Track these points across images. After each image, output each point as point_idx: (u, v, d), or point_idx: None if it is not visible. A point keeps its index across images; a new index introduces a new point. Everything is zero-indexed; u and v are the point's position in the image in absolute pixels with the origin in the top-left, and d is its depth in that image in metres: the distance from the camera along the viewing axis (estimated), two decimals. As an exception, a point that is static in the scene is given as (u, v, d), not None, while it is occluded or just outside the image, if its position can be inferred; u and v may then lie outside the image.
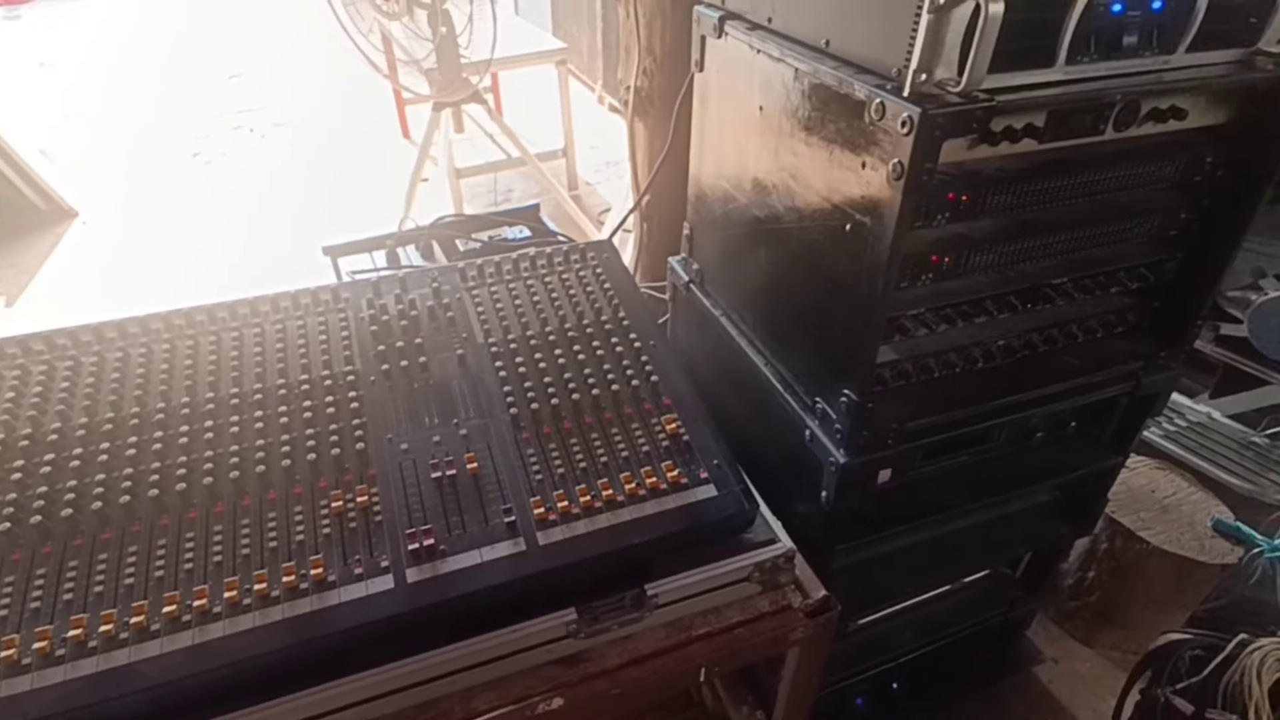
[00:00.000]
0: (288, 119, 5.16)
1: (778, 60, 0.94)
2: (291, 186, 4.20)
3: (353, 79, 5.70)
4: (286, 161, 4.53)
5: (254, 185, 4.23)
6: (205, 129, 4.99)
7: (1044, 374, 1.05)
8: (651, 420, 1.01)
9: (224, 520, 0.86)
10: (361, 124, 5.00)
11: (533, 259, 1.24)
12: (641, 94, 2.04)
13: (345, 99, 5.43)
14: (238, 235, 3.68)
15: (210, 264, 3.42)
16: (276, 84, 5.87)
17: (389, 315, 1.12)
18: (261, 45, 6.92)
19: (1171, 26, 0.82)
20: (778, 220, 1.02)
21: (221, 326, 1.07)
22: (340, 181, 4.25)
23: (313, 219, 3.80)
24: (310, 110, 5.30)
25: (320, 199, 4.05)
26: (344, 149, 4.68)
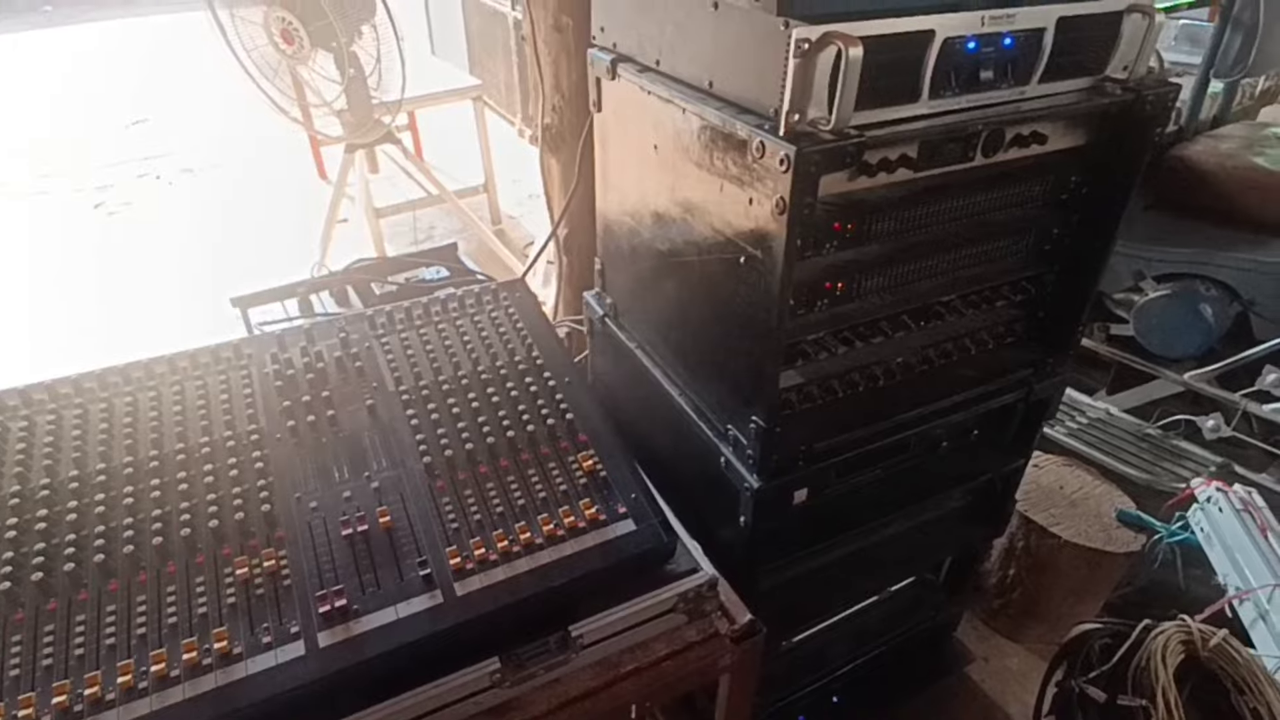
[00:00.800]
0: (197, 164, 5.00)
1: (667, 101, 0.97)
2: (202, 234, 4.06)
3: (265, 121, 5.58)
4: (196, 208, 4.38)
5: (161, 235, 4.07)
6: (107, 178, 4.79)
7: (943, 386, 1.10)
8: (568, 459, 1.01)
9: (118, 599, 0.81)
10: (275, 167, 4.89)
11: (444, 302, 1.24)
12: (552, 130, 2.06)
13: (258, 141, 5.29)
14: (144, 288, 3.53)
15: (111, 320, 3.27)
16: (183, 129, 5.68)
17: (294, 369, 1.09)
18: (165, 90, 6.71)
19: (1023, 60, 0.88)
20: (680, 254, 1.05)
21: (114, 392, 1.03)
22: (255, 226, 4.14)
23: (226, 267, 3.68)
24: (221, 154, 5.15)
25: (234, 246, 3.93)
26: (258, 193, 4.56)
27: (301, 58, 2.32)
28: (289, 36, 2.28)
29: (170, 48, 8.27)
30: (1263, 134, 1.93)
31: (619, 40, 1.11)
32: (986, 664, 1.76)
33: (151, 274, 3.67)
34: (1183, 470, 1.74)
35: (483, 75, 5.33)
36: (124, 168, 4.94)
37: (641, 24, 1.03)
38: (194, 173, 4.85)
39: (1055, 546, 1.62)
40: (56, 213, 4.34)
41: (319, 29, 2.24)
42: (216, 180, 4.77)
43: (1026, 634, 1.80)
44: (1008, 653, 1.79)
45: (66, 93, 6.64)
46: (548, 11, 1.90)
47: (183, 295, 3.46)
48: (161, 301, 3.42)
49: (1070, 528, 1.63)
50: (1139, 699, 1.13)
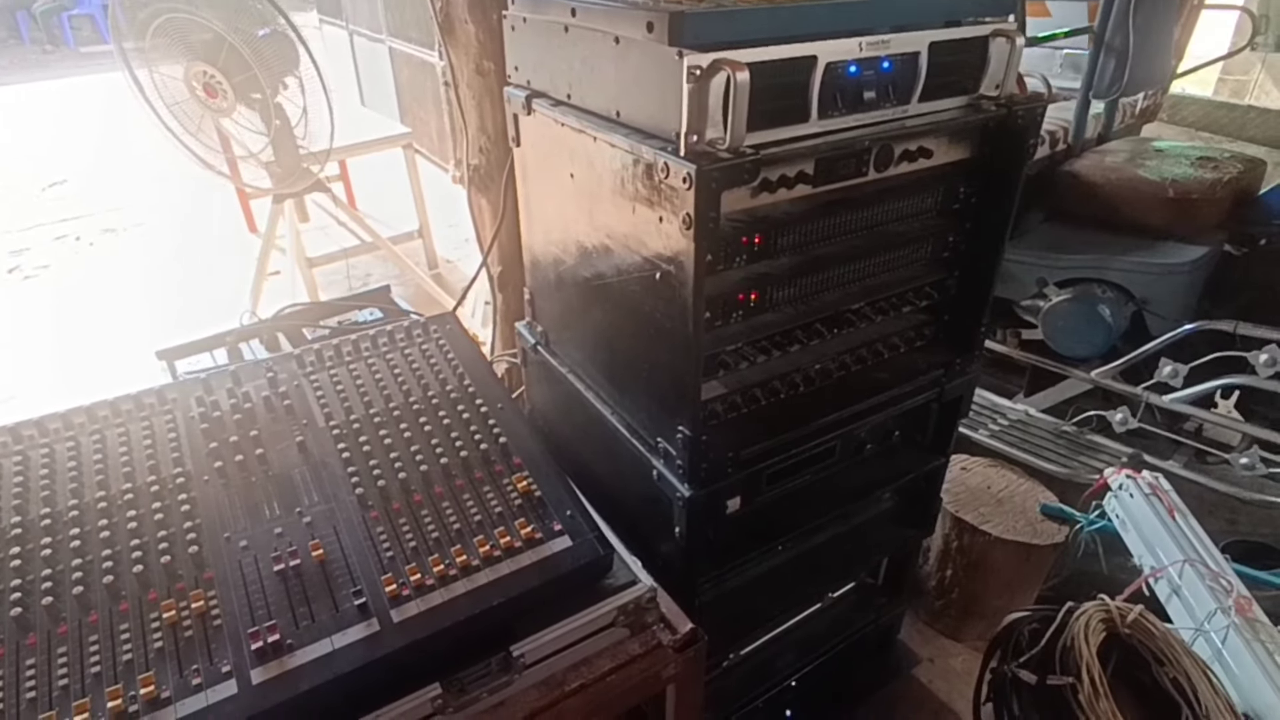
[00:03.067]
0: (119, 224, 4.88)
1: (579, 131, 1.02)
2: (126, 293, 3.95)
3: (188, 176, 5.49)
4: (119, 268, 4.26)
5: (82, 296, 3.94)
6: (23, 242, 4.62)
7: (861, 390, 1.16)
8: (503, 481, 1.02)
9: (37, 653, 0.79)
10: (202, 222, 4.81)
11: (373, 338, 1.25)
12: (480, 170, 2.09)
13: (182, 198, 5.20)
14: (65, 350, 3.41)
15: (30, 382, 3.14)
16: (104, 189, 5.55)
17: (221, 411, 1.08)
18: (83, 151, 6.55)
19: (902, 82, 0.96)
20: (601, 276, 1.09)
21: (29, 444, 1.01)
22: (182, 283, 4.04)
23: (152, 325, 3.58)
24: (144, 213, 5.04)
25: (160, 304, 3.82)
26: (184, 249, 4.47)
27: (225, 110, 2.32)
28: (212, 90, 2.27)
29: (85, 109, 8.10)
30: (1144, 148, 2.10)
31: (532, 78, 1.16)
32: (933, 664, 1.80)
33: (72, 335, 3.54)
34: (1098, 463, 1.84)
35: (414, 124, 5.38)
36: (41, 230, 4.78)
37: (552, 62, 1.08)
38: (116, 232, 4.73)
39: (987, 543, 1.69)
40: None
41: (243, 81, 2.25)
42: (140, 239, 4.66)
43: (968, 632, 1.85)
44: (952, 652, 1.84)
45: (-22, 157, 6.42)
46: (470, 57, 1.95)
47: (106, 355, 3.35)
48: (84, 362, 3.30)
49: (999, 524, 1.70)
50: (1066, 677, 1.18)
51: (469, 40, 1.92)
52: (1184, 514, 1.49)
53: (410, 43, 5.50)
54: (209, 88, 2.27)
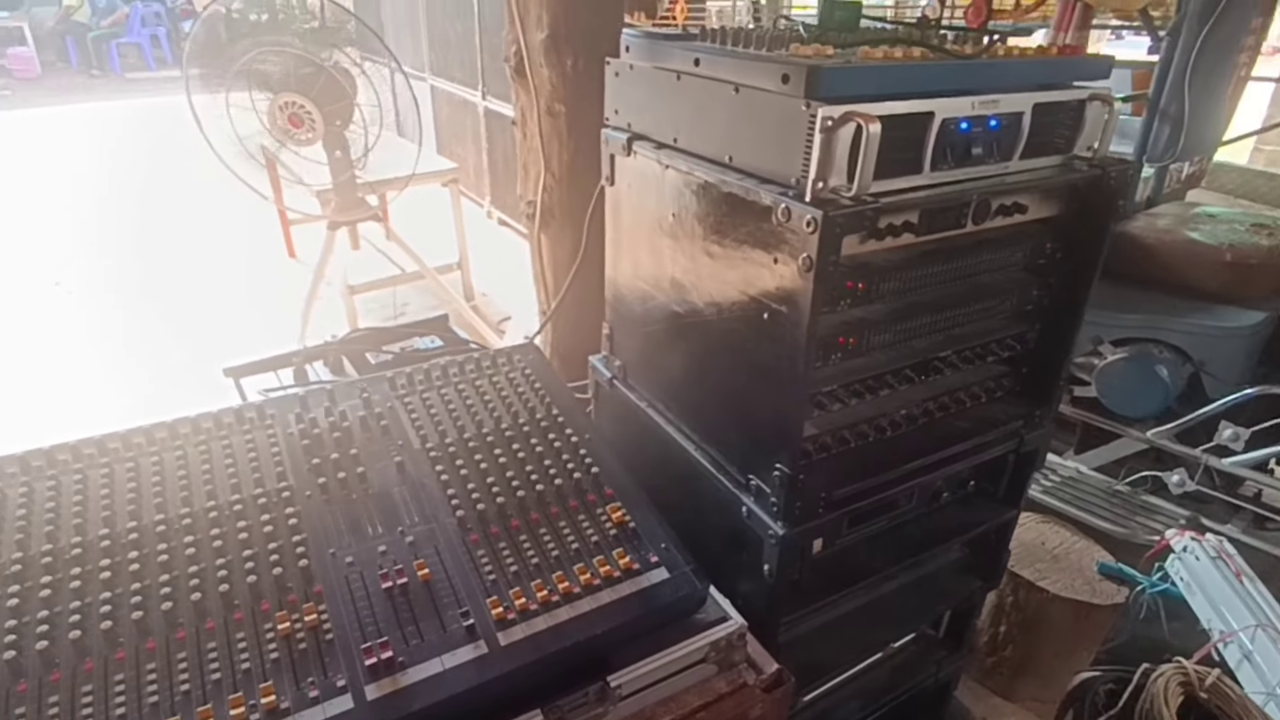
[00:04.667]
0: (160, 243, 4.98)
1: (687, 174, 1.06)
2: (169, 312, 4.01)
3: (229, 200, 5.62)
4: (160, 287, 4.34)
5: (124, 313, 4.01)
6: (66, 258, 4.72)
7: (942, 438, 1.17)
8: (597, 510, 1.03)
9: (158, 657, 0.80)
10: (241, 245, 4.90)
11: (460, 364, 1.27)
12: (544, 208, 2.15)
13: (224, 220, 5.32)
14: (121, 363, 3.46)
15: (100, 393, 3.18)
16: (144, 208, 5.68)
17: (320, 429, 1.10)
18: (124, 170, 6.72)
19: (1007, 140, 0.99)
20: (698, 314, 1.12)
21: (139, 453, 1.03)
22: (223, 304, 4.11)
23: (201, 343, 3.64)
24: (185, 233, 5.14)
25: (205, 323, 3.89)
26: (224, 271, 4.55)
27: (308, 140, 2.40)
28: (297, 120, 2.36)
29: (128, 132, 8.33)
30: (1193, 212, 2.13)
31: (633, 121, 1.20)
32: (984, 723, 1.77)
33: (115, 351, 3.60)
34: (1154, 524, 1.83)
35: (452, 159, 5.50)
36: (84, 247, 4.89)
37: (658, 107, 1.13)
38: (157, 251, 4.82)
39: (1044, 601, 1.67)
40: (14, 290, 4.25)
41: (332, 111, 2.33)
42: (181, 259, 4.75)
43: (1020, 692, 1.82)
44: (1004, 712, 1.81)
45: (25, 172, 6.59)
46: (541, 99, 2.02)
47: (151, 369, 3.39)
48: (128, 376, 3.34)
49: (1057, 582, 1.69)
50: (1146, 739, 1.16)
51: (542, 84, 1.99)
52: (1252, 578, 1.48)
53: (453, 81, 5.67)
54: (294, 118, 2.35)
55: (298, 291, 4.18)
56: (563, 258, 2.19)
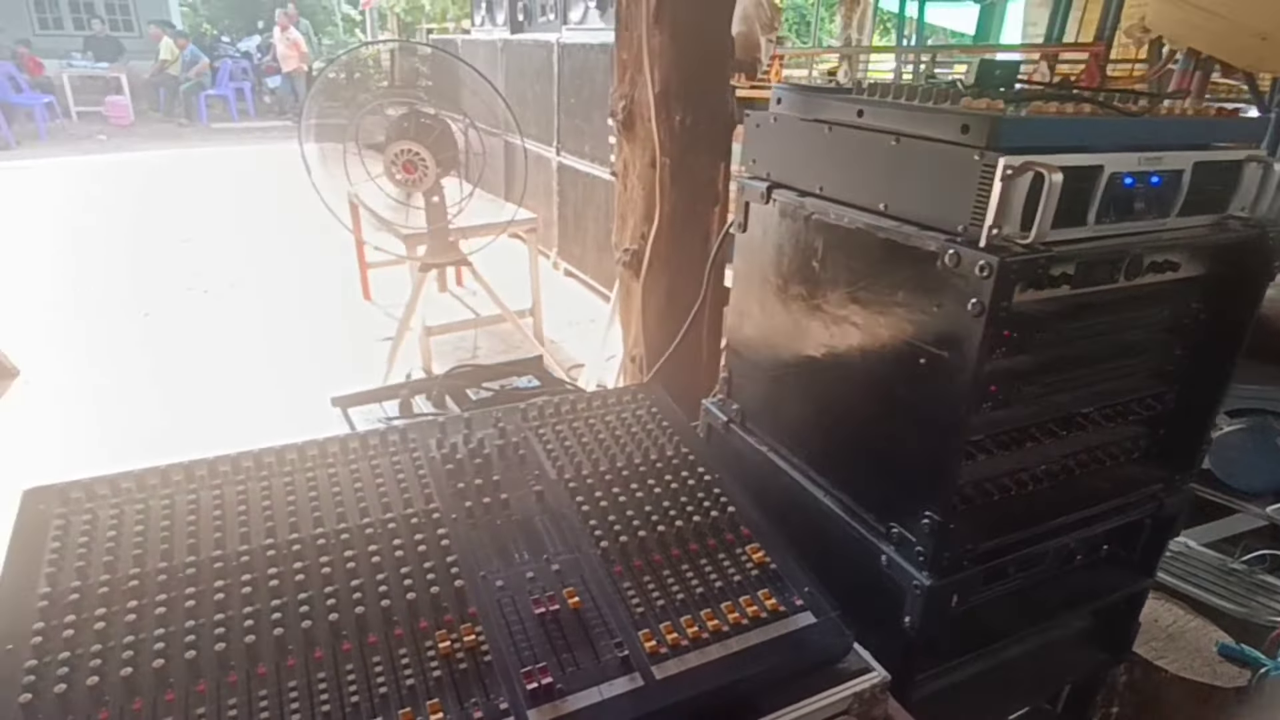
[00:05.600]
0: (241, 280, 5.19)
1: (836, 222, 1.08)
2: (251, 346, 4.16)
3: (303, 244, 5.86)
4: (241, 322, 4.51)
5: (208, 345, 4.17)
6: (155, 290, 4.95)
7: (1081, 497, 1.14)
8: (736, 550, 1.03)
9: (325, 667, 0.81)
10: (318, 286, 5.08)
11: (589, 400, 1.29)
12: (639, 256, 2.20)
13: (300, 262, 5.53)
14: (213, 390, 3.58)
15: (171, 424, 3.29)
16: (226, 248, 5.95)
17: (460, 455, 1.13)
18: (207, 212, 7.07)
19: (1166, 196, 1.00)
20: (837, 359, 1.12)
21: (294, 468, 1.06)
22: (301, 340, 4.25)
23: (284, 375, 3.75)
24: (263, 273, 5.36)
25: (282, 356, 4.01)
26: (302, 309, 4.71)
27: (420, 185, 2.51)
28: (411, 166, 2.47)
29: (212, 176, 8.79)
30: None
31: (773, 170, 1.23)
32: (1093, 811, 1.66)
33: (210, 377, 3.72)
34: (1275, 604, 1.73)
35: (524, 212, 5.65)
36: (171, 281, 5.12)
37: (803, 157, 1.16)
38: (238, 288, 5.03)
39: (1162, 681, 1.59)
40: (106, 320, 4.45)
41: (446, 159, 2.44)
42: (261, 296, 4.94)
43: (1131, 779, 1.71)
44: (1114, 800, 1.70)
45: (116, 210, 6.98)
46: (645, 151, 2.08)
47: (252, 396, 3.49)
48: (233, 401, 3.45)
49: (1174, 661, 1.60)
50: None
51: (648, 137, 2.05)
52: (1399, 669, 1.39)
53: (528, 138, 5.88)
54: (409, 164, 2.47)
55: (371, 330, 4.31)
56: (657, 304, 2.23)
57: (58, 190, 7.83)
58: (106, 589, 0.84)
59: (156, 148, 10.73)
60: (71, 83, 12.10)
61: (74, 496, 0.97)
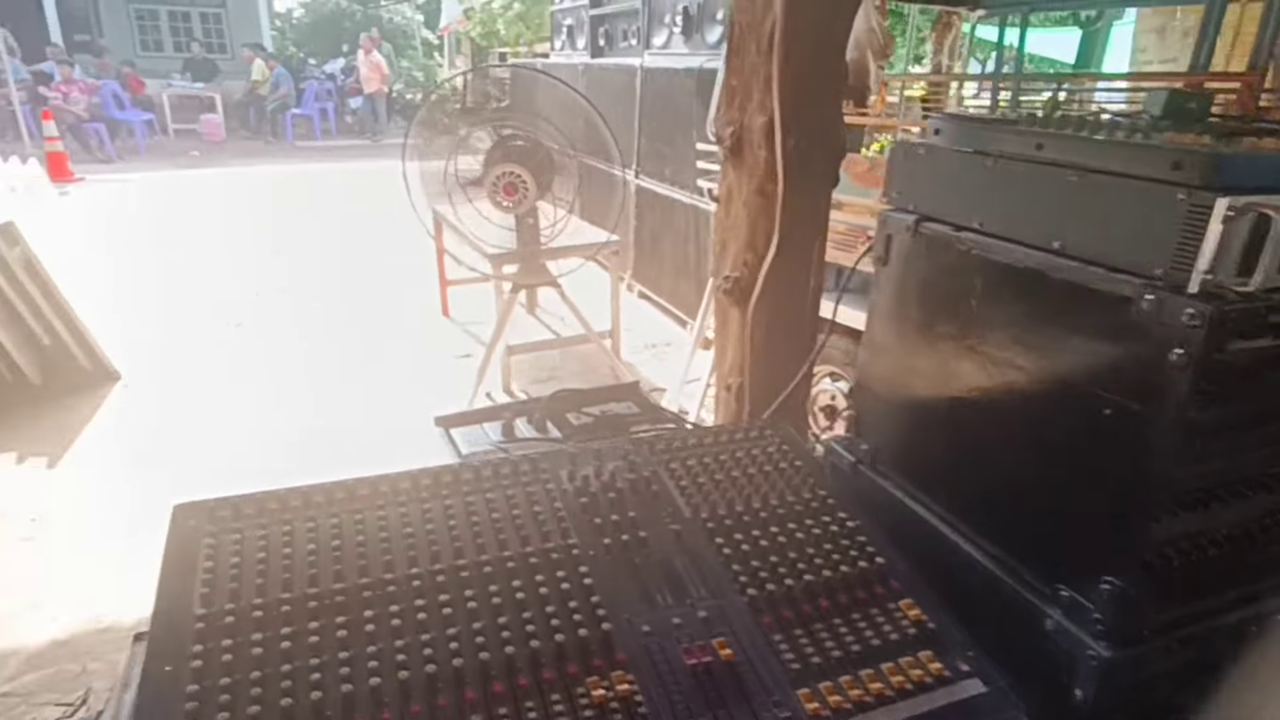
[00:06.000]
0: (326, 293, 5.34)
1: (1000, 259, 1.02)
2: (334, 359, 4.26)
3: (384, 259, 6.01)
4: (330, 332, 4.63)
5: (296, 356, 4.28)
6: (248, 301, 5.13)
7: (1267, 566, 1.04)
8: (888, 605, 0.96)
9: (479, 710, 0.78)
10: (397, 301, 5.19)
11: (715, 434, 1.25)
12: (741, 283, 2.15)
13: (381, 277, 5.67)
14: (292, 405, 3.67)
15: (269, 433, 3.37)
16: (313, 261, 6.14)
17: (594, 487, 1.10)
18: (294, 225, 7.33)
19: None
20: (997, 404, 1.05)
21: (430, 495, 1.05)
22: (381, 354, 4.33)
23: (367, 390, 3.82)
24: (347, 287, 5.51)
25: (365, 371, 4.09)
26: (384, 323, 4.81)
27: (517, 208, 2.53)
28: (511, 189, 2.50)
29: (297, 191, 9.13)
30: None
31: (921, 203, 1.18)
32: None
33: (292, 392, 3.82)
34: None
35: (599, 233, 5.69)
36: (263, 292, 5.30)
37: (959, 190, 1.10)
38: (324, 300, 5.17)
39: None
40: (199, 327, 4.63)
41: (545, 182, 2.47)
42: (346, 309, 5.06)
43: None
44: None
45: (207, 223, 7.30)
46: (753, 179, 2.05)
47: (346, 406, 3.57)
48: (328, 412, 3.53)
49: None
50: None
51: (756, 164, 2.02)
52: None
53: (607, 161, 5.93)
54: (509, 186, 2.50)
55: (449, 346, 4.37)
56: (757, 334, 2.18)
57: (154, 202, 8.25)
58: (260, 613, 0.83)
59: (245, 164, 11.23)
60: (170, 101, 12.81)
61: (221, 515, 0.97)
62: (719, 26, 4.47)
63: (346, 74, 14.74)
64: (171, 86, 13.15)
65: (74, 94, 11.19)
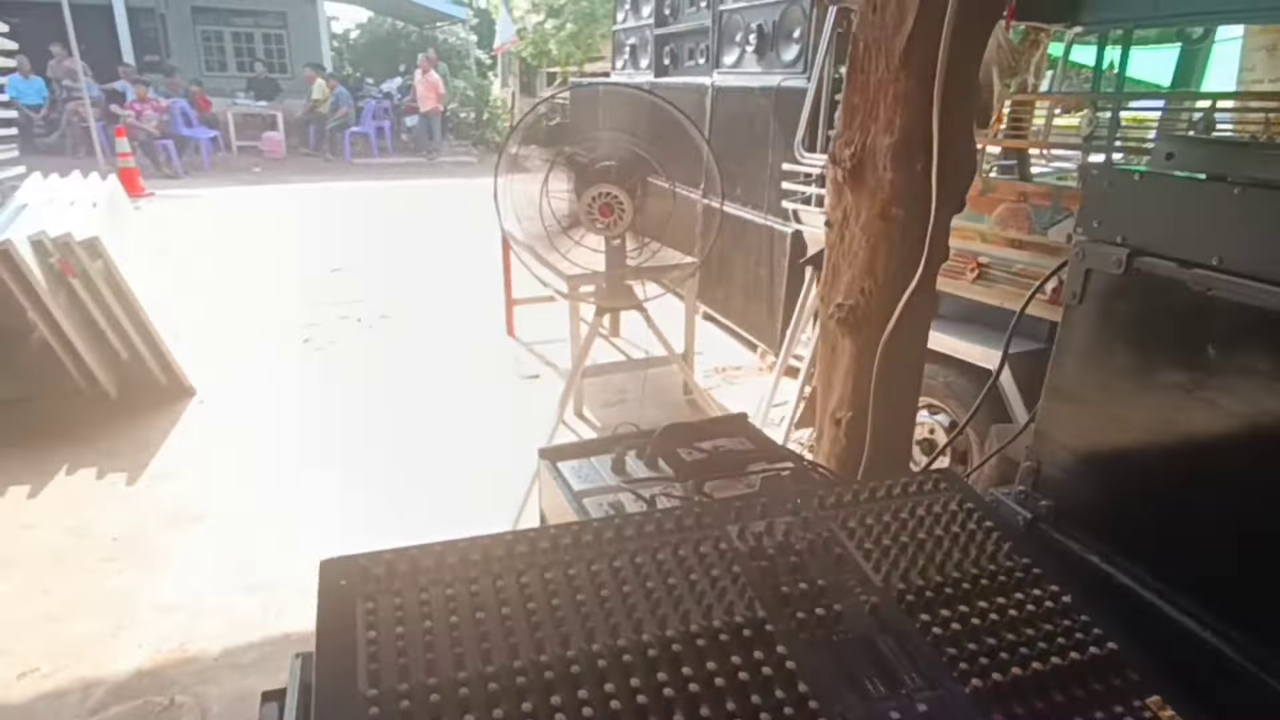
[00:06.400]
0: (392, 311, 5.35)
1: (1253, 304, 0.89)
2: (403, 379, 4.23)
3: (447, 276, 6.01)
4: (397, 351, 4.61)
5: (365, 373, 4.27)
6: (313, 318, 5.15)
7: None
8: (1133, 702, 0.83)
9: (696, 825, 0.67)
10: (462, 319, 5.17)
11: (888, 488, 1.13)
12: (857, 312, 2.03)
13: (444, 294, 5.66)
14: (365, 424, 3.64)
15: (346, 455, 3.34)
16: (375, 278, 6.17)
17: (769, 548, 0.98)
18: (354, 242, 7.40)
19: None
20: (1241, 464, 0.92)
21: (592, 551, 0.94)
22: (451, 373, 4.29)
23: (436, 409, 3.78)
24: (411, 304, 5.50)
25: (435, 390, 4.05)
26: (449, 342, 4.78)
27: (611, 230, 2.46)
28: (608, 209, 2.43)
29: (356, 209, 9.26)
30: None
31: (1131, 234, 1.05)
32: None
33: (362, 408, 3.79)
34: None
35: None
36: (327, 309, 5.33)
37: (1194, 222, 0.97)
38: (390, 319, 5.17)
39: None
40: (269, 344, 4.65)
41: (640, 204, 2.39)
42: (410, 327, 5.05)
43: None
44: None
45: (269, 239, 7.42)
46: (875, 202, 1.93)
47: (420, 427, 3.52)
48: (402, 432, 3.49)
49: None
50: None
51: (879, 186, 1.90)
52: None
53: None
54: (605, 208, 2.43)
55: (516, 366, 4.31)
56: (866, 365, 2.06)
57: (220, 217, 8.44)
58: (438, 695, 0.74)
59: (305, 180, 11.47)
60: (234, 119, 13.18)
61: (375, 573, 0.88)
62: (795, 45, 4.37)
63: (403, 93, 15.02)
64: (236, 105, 13.53)
65: (147, 112, 11.58)
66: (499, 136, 15.65)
